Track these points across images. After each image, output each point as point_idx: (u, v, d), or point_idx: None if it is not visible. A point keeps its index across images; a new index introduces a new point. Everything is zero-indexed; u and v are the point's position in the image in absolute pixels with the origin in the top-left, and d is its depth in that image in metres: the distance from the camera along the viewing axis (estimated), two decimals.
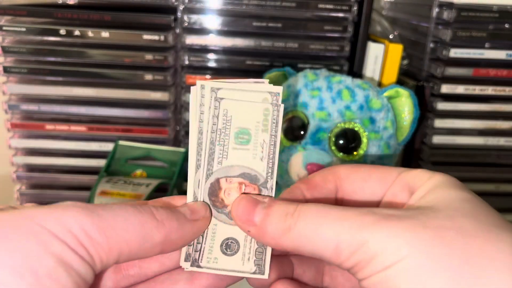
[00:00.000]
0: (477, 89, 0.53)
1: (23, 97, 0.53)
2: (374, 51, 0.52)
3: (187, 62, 0.53)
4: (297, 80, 0.46)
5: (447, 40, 0.51)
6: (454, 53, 0.51)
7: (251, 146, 0.24)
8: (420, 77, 0.55)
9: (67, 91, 0.52)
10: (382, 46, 0.52)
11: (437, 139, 0.54)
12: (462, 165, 0.56)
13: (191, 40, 0.52)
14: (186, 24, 0.51)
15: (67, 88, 0.52)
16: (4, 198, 0.61)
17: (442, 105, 0.53)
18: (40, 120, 0.54)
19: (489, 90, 0.53)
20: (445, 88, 0.52)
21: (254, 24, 0.52)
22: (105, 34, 0.50)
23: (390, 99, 0.45)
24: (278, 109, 0.24)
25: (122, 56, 0.51)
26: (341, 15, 0.51)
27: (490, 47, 0.52)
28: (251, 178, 0.24)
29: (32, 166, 0.56)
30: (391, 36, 0.59)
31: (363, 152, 0.43)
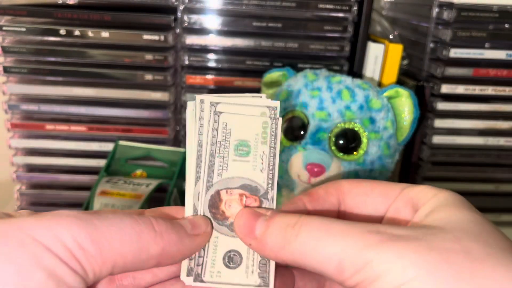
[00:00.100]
0: (477, 89, 0.53)
1: (23, 97, 0.53)
2: (374, 51, 0.52)
3: (187, 62, 0.53)
4: (297, 80, 0.46)
5: (447, 40, 0.51)
6: (454, 53, 0.51)
7: (251, 157, 0.24)
8: (420, 77, 0.55)
9: (67, 91, 0.52)
10: (382, 46, 0.52)
11: (437, 139, 0.54)
12: (462, 165, 0.56)
13: (191, 40, 0.52)
14: (186, 24, 0.51)
15: (67, 88, 0.52)
16: (4, 198, 0.61)
17: (442, 105, 0.53)
18: (40, 120, 0.54)
19: (489, 90, 0.53)
20: (445, 88, 0.52)
21: (254, 24, 0.52)
22: (105, 34, 0.50)
23: (390, 99, 0.45)
24: (277, 122, 0.24)
25: (122, 56, 0.51)
26: (341, 15, 0.51)
27: (490, 47, 0.52)
28: (252, 189, 0.24)
29: (32, 166, 0.56)
30: (391, 36, 0.59)
31: (363, 152, 0.43)
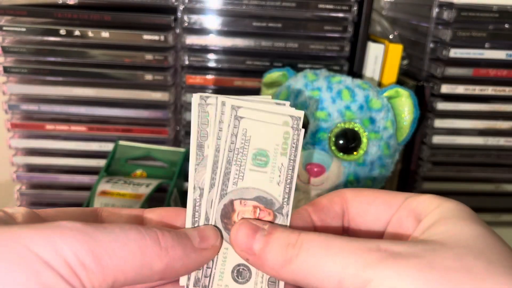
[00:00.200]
0: (477, 89, 0.53)
1: (23, 97, 0.53)
2: (374, 51, 0.52)
3: (187, 62, 0.53)
4: (297, 80, 0.46)
5: (447, 40, 0.51)
6: (454, 53, 0.51)
7: (269, 169, 0.23)
8: (420, 77, 0.55)
9: (67, 91, 0.52)
10: (382, 46, 0.52)
11: (437, 139, 0.54)
12: (462, 165, 0.56)
13: (191, 40, 0.52)
14: (186, 24, 0.51)
15: (67, 88, 0.52)
16: (4, 198, 0.61)
17: (442, 105, 0.53)
18: (40, 120, 0.54)
19: (489, 90, 0.53)
20: (445, 88, 0.52)
21: (254, 24, 0.52)
22: (105, 34, 0.50)
23: (390, 99, 0.45)
24: (299, 134, 0.23)
25: (122, 56, 0.51)
26: (341, 15, 0.51)
27: (490, 47, 0.52)
28: (267, 202, 0.23)
29: (32, 166, 0.56)
30: (391, 36, 0.59)
31: (363, 152, 0.43)
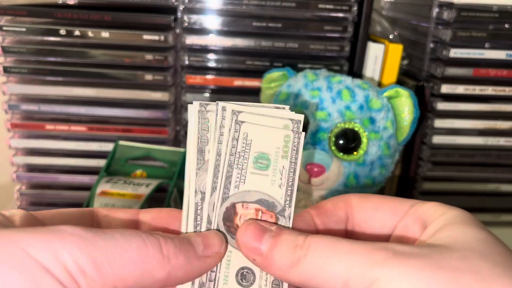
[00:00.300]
0: (477, 89, 0.53)
1: (23, 97, 0.53)
2: (374, 51, 0.52)
3: (187, 62, 0.53)
4: (297, 80, 0.46)
5: (447, 40, 0.51)
6: (454, 53, 0.51)
7: (270, 172, 0.23)
8: (420, 77, 0.55)
9: (67, 91, 0.52)
10: (382, 46, 0.52)
11: (437, 139, 0.54)
12: (462, 165, 0.56)
13: (191, 40, 0.52)
14: (186, 24, 0.51)
15: (67, 88, 0.52)
16: (4, 198, 0.61)
17: (442, 105, 0.53)
18: (40, 120, 0.54)
19: (489, 90, 0.53)
20: (445, 88, 0.52)
21: (254, 24, 0.52)
22: (105, 34, 0.50)
23: (390, 99, 0.45)
24: (299, 137, 0.23)
25: (122, 56, 0.51)
26: (341, 15, 0.51)
27: (490, 47, 0.52)
28: (269, 205, 0.23)
29: (32, 166, 0.56)
30: (391, 36, 0.59)
31: (363, 152, 0.43)
